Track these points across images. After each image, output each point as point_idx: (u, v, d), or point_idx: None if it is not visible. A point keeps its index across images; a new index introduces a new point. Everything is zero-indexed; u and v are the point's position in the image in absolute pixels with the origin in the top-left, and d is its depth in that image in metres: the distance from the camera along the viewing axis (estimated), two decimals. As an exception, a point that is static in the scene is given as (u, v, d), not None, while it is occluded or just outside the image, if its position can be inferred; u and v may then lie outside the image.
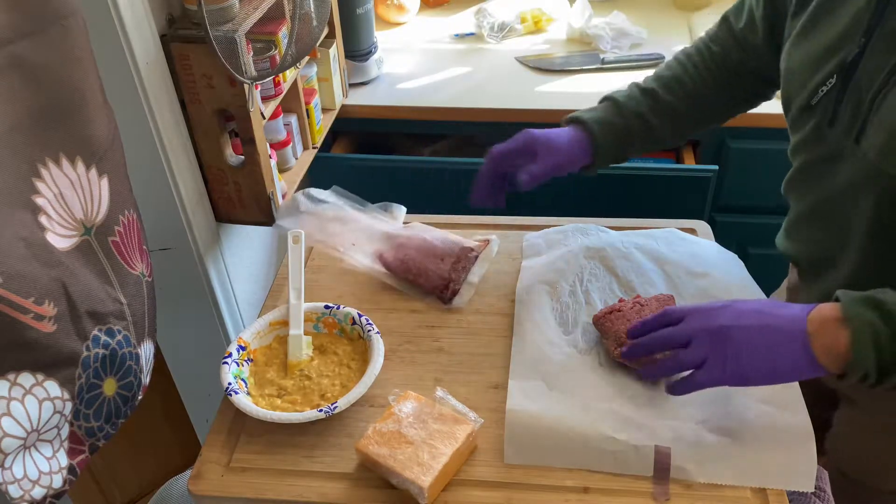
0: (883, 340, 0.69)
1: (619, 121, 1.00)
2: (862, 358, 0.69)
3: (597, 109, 1.02)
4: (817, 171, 0.86)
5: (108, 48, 0.96)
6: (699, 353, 0.75)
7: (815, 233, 0.90)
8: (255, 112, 1.10)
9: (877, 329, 0.69)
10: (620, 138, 1.00)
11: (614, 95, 1.02)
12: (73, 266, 0.76)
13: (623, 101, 1.01)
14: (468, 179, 1.56)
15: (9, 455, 0.71)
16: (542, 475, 0.81)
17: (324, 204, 1.12)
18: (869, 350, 0.69)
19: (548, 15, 1.81)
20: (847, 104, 0.79)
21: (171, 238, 1.16)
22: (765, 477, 0.78)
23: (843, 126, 0.80)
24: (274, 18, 1.14)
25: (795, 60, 0.86)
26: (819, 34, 0.83)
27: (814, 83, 0.83)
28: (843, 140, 0.81)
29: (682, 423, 0.82)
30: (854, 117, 0.79)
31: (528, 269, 1.05)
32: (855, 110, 0.79)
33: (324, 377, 0.91)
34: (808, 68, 0.84)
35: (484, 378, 0.92)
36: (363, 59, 1.60)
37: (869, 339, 0.69)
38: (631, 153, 1.03)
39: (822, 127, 0.83)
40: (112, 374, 0.83)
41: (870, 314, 0.69)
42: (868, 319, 0.69)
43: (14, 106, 0.69)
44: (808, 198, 0.90)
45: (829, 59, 0.81)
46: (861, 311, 0.70)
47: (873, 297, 0.70)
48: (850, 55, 0.79)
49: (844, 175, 0.82)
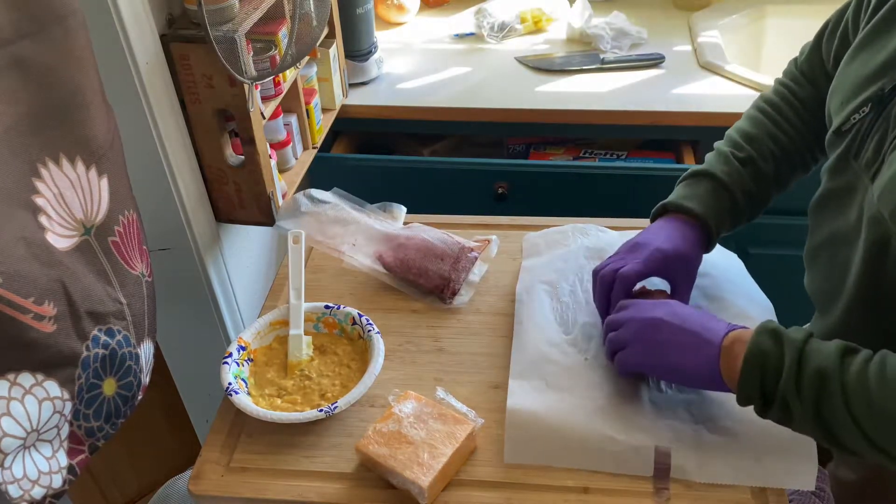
0: (769, 370, 0.70)
1: (731, 205, 0.91)
2: (747, 381, 0.71)
3: (707, 196, 0.90)
4: (835, 202, 0.82)
5: (108, 48, 0.96)
6: (624, 335, 0.82)
7: (823, 267, 0.87)
8: (255, 112, 1.10)
9: (767, 358, 0.70)
10: (733, 221, 0.92)
11: (711, 171, 0.91)
12: (73, 266, 0.76)
13: (726, 179, 0.91)
14: (468, 179, 1.57)
15: (8, 455, 0.71)
16: (541, 475, 0.81)
17: (324, 204, 1.12)
18: (755, 376, 0.70)
19: (548, 15, 1.81)
20: (874, 137, 0.74)
21: (171, 238, 1.16)
22: (765, 477, 0.78)
23: (865, 160, 0.75)
24: (274, 18, 1.14)
25: (841, 79, 0.82)
26: (868, 56, 0.78)
27: (850, 108, 0.77)
28: (862, 175, 0.76)
29: (682, 423, 0.82)
30: (876, 153, 0.74)
31: (528, 269, 1.05)
32: (878, 145, 0.74)
33: (324, 377, 0.91)
34: (849, 91, 0.79)
35: (484, 378, 0.92)
36: (363, 59, 1.60)
37: (757, 366, 0.70)
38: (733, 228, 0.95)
39: (847, 157, 0.79)
40: (112, 374, 0.83)
41: (768, 343, 0.70)
42: (764, 348, 0.70)
43: (14, 106, 0.69)
44: (823, 228, 0.86)
45: (868, 87, 0.76)
46: (763, 339, 0.71)
47: (779, 331, 0.71)
48: (888, 86, 0.73)
49: (855, 212, 0.78)
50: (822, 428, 0.69)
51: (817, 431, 0.70)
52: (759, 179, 0.92)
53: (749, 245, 1.60)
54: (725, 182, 0.91)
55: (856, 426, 0.66)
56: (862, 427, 0.66)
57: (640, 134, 1.55)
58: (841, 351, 0.68)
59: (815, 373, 0.67)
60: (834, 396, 0.66)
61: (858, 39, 0.80)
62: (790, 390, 0.68)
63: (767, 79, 1.51)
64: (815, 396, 0.67)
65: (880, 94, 0.74)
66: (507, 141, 1.70)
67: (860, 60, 0.79)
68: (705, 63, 1.60)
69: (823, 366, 0.67)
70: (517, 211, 1.27)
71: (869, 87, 0.76)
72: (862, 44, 0.80)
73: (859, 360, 0.67)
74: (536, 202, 1.53)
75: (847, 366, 0.67)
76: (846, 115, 0.78)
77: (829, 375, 0.67)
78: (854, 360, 0.67)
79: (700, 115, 1.46)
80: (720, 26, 1.72)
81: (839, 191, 0.82)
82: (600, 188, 1.49)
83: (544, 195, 1.53)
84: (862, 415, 0.65)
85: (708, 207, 0.90)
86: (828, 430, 0.68)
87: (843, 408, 0.66)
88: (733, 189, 0.91)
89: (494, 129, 1.60)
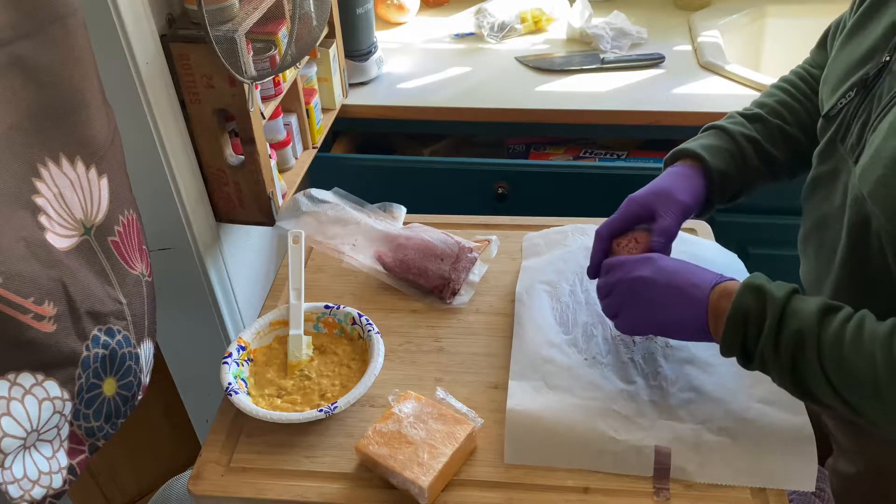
0: (751, 327, 0.72)
1: (730, 146, 0.91)
2: (730, 337, 0.74)
3: (700, 137, 0.94)
4: (822, 187, 0.84)
5: (108, 48, 0.96)
6: (614, 301, 0.83)
7: (813, 253, 0.88)
8: (255, 112, 1.10)
9: (749, 316, 0.72)
10: (736, 163, 0.91)
11: (717, 123, 0.94)
12: (72, 266, 0.76)
13: (730, 126, 0.93)
14: (468, 179, 1.57)
15: (9, 455, 0.71)
16: (542, 475, 0.81)
17: (324, 204, 1.12)
18: (738, 332, 0.73)
19: (548, 15, 1.81)
20: (858, 121, 0.76)
21: (171, 238, 1.16)
22: (765, 477, 0.78)
23: (850, 143, 0.77)
24: (274, 18, 1.14)
25: (831, 68, 0.84)
26: (855, 44, 0.80)
27: (838, 94, 0.80)
28: (847, 158, 0.78)
29: (682, 423, 0.82)
30: (859, 137, 0.76)
31: (528, 269, 1.05)
32: (862, 129, 0.76)
33: (324, 377, 0.91)
34: (838, 78, 0.81)
35: (484, 378, 0.92)
36: (363, 59, 1.60)
37: (740, 323, 0.73)
38: (750, 182, 0.93)
39: (835, 140, 0.81)
40: (112, 373, 0.83)
41: (751, 302, 0.72)
42: (747, 306, 0.72)
43: (14, 106, 0.69)
44: (812, 213, 0.87)
45: (855, 72, 0.78)
46: (746, 297, 0.73)
47: (763, 288, 0.73)
48: (872, 70, 0.76)
49: (839, 196, 0.79)
50: (798, 384, 0.72)
51: (793, 387, 0.73)
52: (765, 130, 0.93)
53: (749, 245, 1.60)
54: (727, 128, 0.92)
55: (828, 383, 0.69)
56: (833, 383, 0.69)
57: (640, 134, 1.55)
58: (822, 310, 0.70)
59: (794, 334, 0.70)
60: (810, 356, 0.69)
61: (847, 28, 0.83)
62: (769, 349, 0.72)
63: (767, 79, 1.51)
64: (792, 355, 0.70)
65: (865, 79, 0.76)
66: (507, 141, 1.70)
67: (848, 49, 0.81)
68: (705, 63, 1.60)
69: (802, 327, 0.70)
70: (517, 211, 1.27)
71: (856, 72, 0.78)
72: (850, 33, 0.82)
73: (839, 320, 0.69)
74: (536, 202, 1.53)
75: (825, 325, 0.69)
76: (834, 100, 0.80)
77: (807, 336, 0.69)
78: (833, 319, 0.70)
79: (700, 115, 1.46)
80: (720, 26, 1.72)
81: (826, 175, 0.83)
82: (600, 188, 1.48)
83: (544, 195, 1.53)
84: (833, 371, 0.68)
85: (696, 143, 0.91)
86: (803, 385, 0.72)
87: (817, 364, 0.69)
88: (734, 134, 0.92)
89: (494, 129, 1.60)
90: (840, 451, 0.92)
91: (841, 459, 0.92)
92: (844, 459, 0.91)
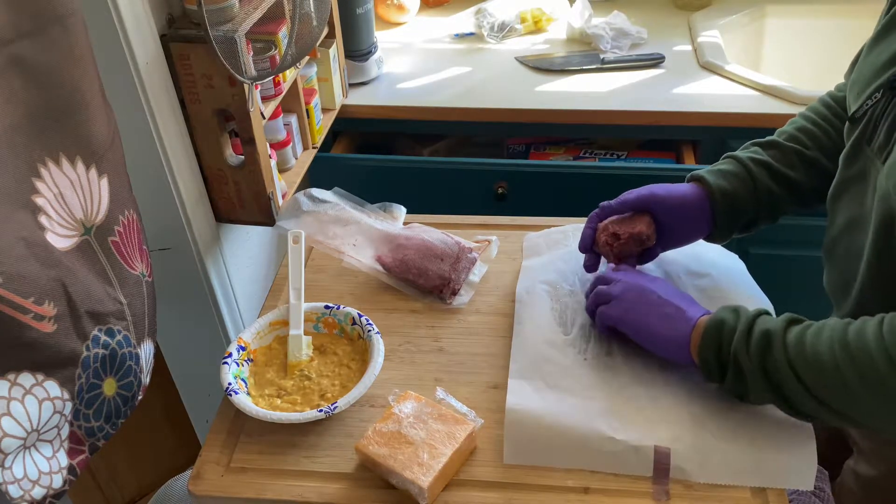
0: (725, 334, 0.77)
1: (737, 169, 0.93)
2: (706, 344, 0.78)
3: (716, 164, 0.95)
4: (850, 191, 0.83)
5: (108, 48, 0.96)
6: (612, 290, 0.88)
7: (840, 258, 0.87)
8: (255, 112, 1.10)
9: (724, 325, 0.77)
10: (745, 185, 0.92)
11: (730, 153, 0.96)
12: (73, 266, 0.76)
13: (740, 153, 0.95)
14: (468, 179, 1.56)
15: (9, 455, 0.71)
16: (541, 475, 0.81)
17: (324, 204, 1.12)
18: (714, 339, 0.78)
19: (548, 15, 1.81)
20: (885, 122, 0.76)
21: (171, 238, 1.16)
22: (765, 477, 0.78)
23: (878, 144, 0.77)
24: (274, 18, 1.14)
25: (858, 72, 0.84)
26: (883, 47, 0.80)
27: (864, 95, 0.80)
28: (875, 159, 0.77)
29: (681, 423, 0.82)
30: (888, 137, 0.75)
31: (528, 269, 1.05)
32: (890, 130, 0.75)
33: (324, 377, 0.91)
34: (865, 80, 0.81)
35: (484, 378, 0.92)
36: (363, 59, 1.60)
37: (716, 331, 0.78)
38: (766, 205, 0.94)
39: (861, 142, 0.80)
40: (112, 374, 0.83)
41: (727, 315, 0.78)
42: (722, 318, 0.78)
43: (14, 106, 0.70)
44: (840, 218, 0.86)
45: (881, 74, 0.78)
46: (723, 312, 0.79)
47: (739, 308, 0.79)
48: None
49: (871, 197, 0.78)
50: (773, 389, 0.75)
51: (769, 393, 0.76)
52: (779, 154, 0.93)
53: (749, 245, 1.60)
54: (734, 154, 0.95)
55: (797, 379, 0.72)
56: (801, 378, 0.72)
57: (640, 134, 1.55)
58: (788, 320, 0.76)
59: (762, 334, 0.75)
60: (777, 355, 0.73)
61: (874, 34, 0.83)
62: (740, 348, 0.75)
63: (767, 79, 1.51)
64: (762, 353, 0.74)
65: (892, 80, 0.76)
66: (507, 141, 1.70)
67: (875, 52, 0.82)
68: (705, 63, 1.60)
69: (770, 328, 0.75)
70: (517, 211, 1.27)
71: (883, 74, 0.78)
72: (877, 37, 0.82)
73: (803, 325, 0.75)
74: (536, 202, 1.53)
75: (791, 328, 0.75)
76: (861, 102, 0.80)
77: (773, 337, 0.74)
78: (799, 325, 0.75)
79: (700, 115, 1.46)
80: (720, 26, 1.72)
81: (854, 178, 0.83)
82: (600, 188, 1.48)
83: (544, 195, 1.53)
84: (800, 366, 0.72)
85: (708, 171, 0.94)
86: (779, 391, 0.75)
87: (784, 362, 0.73)
88: (743, 159, 0.94)
89: (494, 129, 1.60)
90: (860, 454, 0.92)
91: (861, 462, 0.92)
92: (865, 462, 0.91)
